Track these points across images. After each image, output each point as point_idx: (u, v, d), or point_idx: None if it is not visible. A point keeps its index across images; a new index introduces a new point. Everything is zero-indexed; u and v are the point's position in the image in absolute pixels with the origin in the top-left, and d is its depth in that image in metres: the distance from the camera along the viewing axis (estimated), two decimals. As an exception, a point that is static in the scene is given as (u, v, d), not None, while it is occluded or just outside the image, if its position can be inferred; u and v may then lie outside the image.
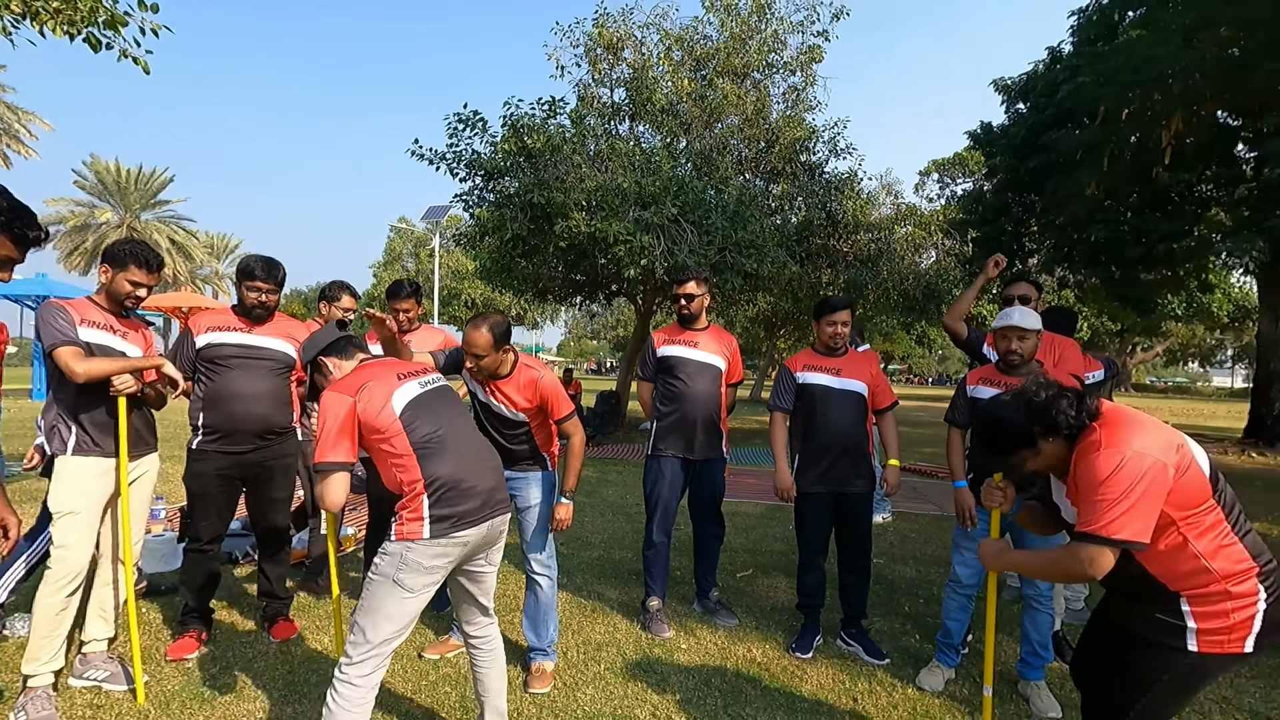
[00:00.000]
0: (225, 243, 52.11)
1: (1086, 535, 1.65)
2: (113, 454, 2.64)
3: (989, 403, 1.88)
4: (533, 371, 2.81)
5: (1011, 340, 2.84)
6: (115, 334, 2.70)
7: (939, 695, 2.87)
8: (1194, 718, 2.74)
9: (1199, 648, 1.65)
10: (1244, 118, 10.09)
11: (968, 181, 29.02)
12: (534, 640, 2.94)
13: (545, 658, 2.93)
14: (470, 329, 2.68)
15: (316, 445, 2.07)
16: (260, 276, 3.07)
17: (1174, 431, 1.70)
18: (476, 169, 9.25)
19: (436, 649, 3.11)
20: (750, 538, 5.36)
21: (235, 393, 3.02)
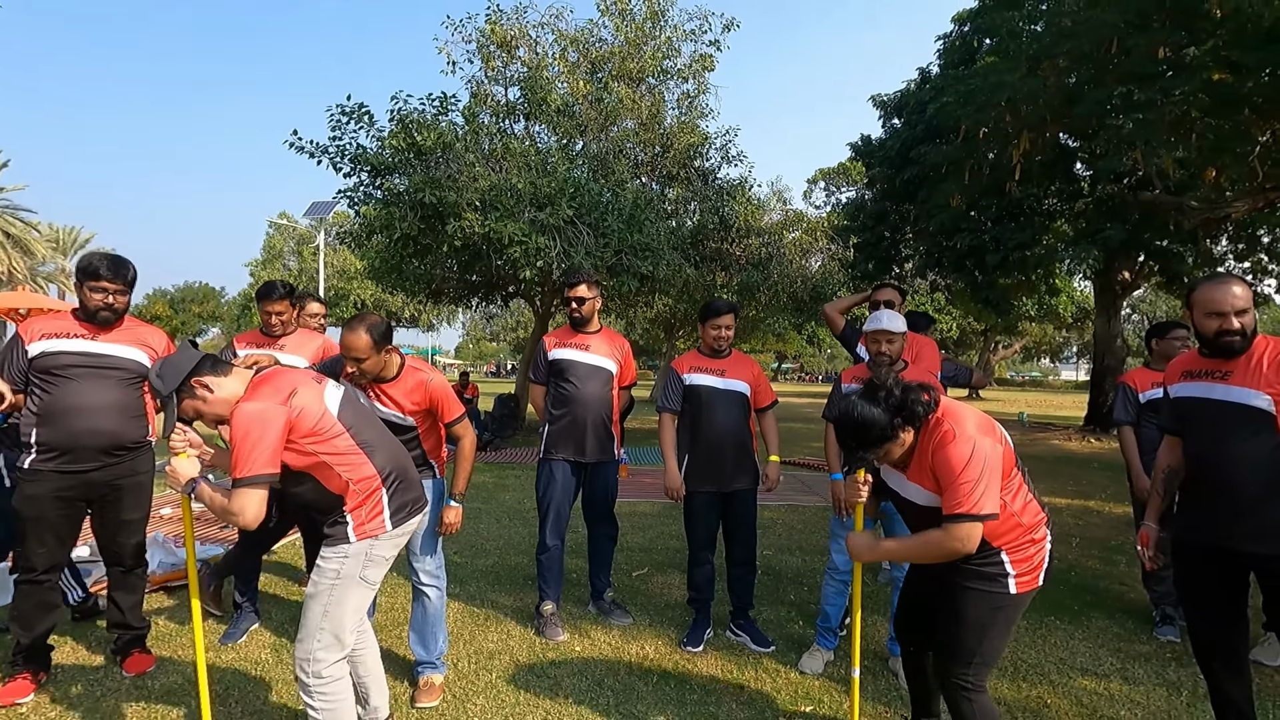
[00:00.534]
0: (74, 236, 46.80)
1: (959, 516, 1.86)
2: None
3: (845, 406, 1.98)
4: (421, 374, 2.75)
5: (881, 343, 3.05)
6: None
7: (819, 677, 3.04)
8: (1033, 676, 3.05)
9: (1017, 589, 1.99)
10: (1080, 139, 11.34)
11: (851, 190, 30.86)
12: (421, 654, 2.85)
13: (434, 670, 2.85)
14: (347, 333, 2.57)
15: (235, 460, 1.91)
16: (105, 276, 2.77)
17: (985, 415, 2.02)
18: (362, 164, 8.83)
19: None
20: (647, 536, 5.44)
21: (75, 406, 2.73)
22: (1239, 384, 2.16)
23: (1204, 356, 2.28)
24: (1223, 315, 2.13)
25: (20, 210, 38.58)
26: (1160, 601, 3.61)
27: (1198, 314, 2.22)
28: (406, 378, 2.73)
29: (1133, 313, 43.95)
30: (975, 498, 1.84)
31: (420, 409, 2.76)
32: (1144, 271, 15.10)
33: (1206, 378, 2.26)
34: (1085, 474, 9.13)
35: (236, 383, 2.07)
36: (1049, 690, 2.96)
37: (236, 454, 1.91)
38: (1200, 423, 2.27)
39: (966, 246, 13.56)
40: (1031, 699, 2.88)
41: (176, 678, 2.90)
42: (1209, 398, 2.23)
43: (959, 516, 1.86)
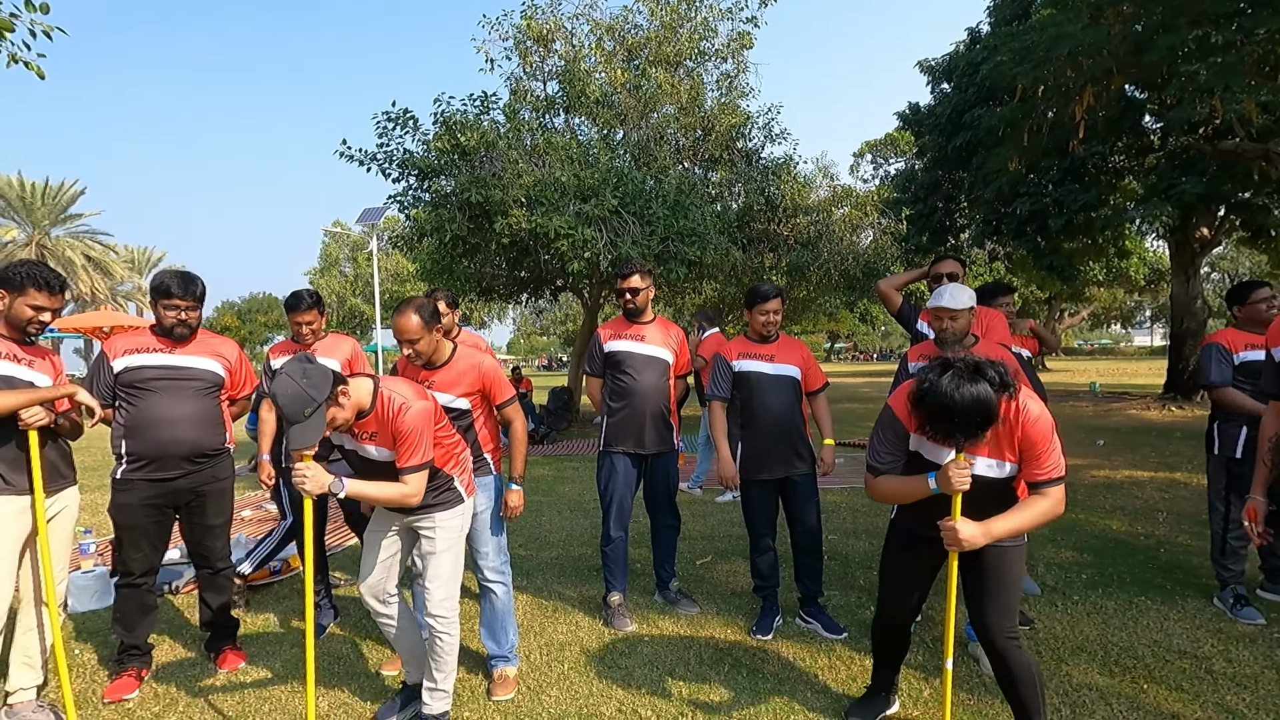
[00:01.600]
0: (147, 256, 49.51)
1: (1055, 480, 1.98)
2: (26, 491, 2.48)
3: (952, 389, 1.87)
4: (474, 356, 2.86)
5: (944, 320, 2.92)
6: (19, 363, 2.54)
7: (895, 664, 2.95)
8: (1127, 661, 2.90)
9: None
10: (1149, 90, 10.65)
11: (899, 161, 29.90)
12: (493, 648, 2.89)
13: (507, 664, 2.90)
14: (398, 318, 2.66)
15: (408, 451, 2.26)
16: (177, 294, 2.90)
17: None
18: (409, 169, 9.01)
19: (394, 665, 3.05)
20: (708, 524, 5.41)
21: (160, 417, 2.87)
22: None
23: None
24: None
25: (98, 234, 41.04)
26: (1233, 581, 3.38)
27: None
28: (459, 361, 2.83)
29: (1212, 271, 41.25)
30: (1059, 461, 1.99)
31: (475, 390, 2.83)
32: (1225, 227, 14.11)
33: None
34: (1168, 444, 8.64)
35: (362, 387, 2.27)
36: (1145, 675, 2.81)
37: (407, 446, 2.26)
38: None
39: (1027, 212, 12.93)
40: (1126, 685, 2.74)
41: (267, 672, 3.03)
42: None
43: (1055, 480, 1.99)
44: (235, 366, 3.15)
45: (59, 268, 38.76)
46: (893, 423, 2.11)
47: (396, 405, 2.26)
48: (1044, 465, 1.96)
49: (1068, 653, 3.03)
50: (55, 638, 2.52)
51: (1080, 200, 12.29)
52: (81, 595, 3.79)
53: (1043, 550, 4.52)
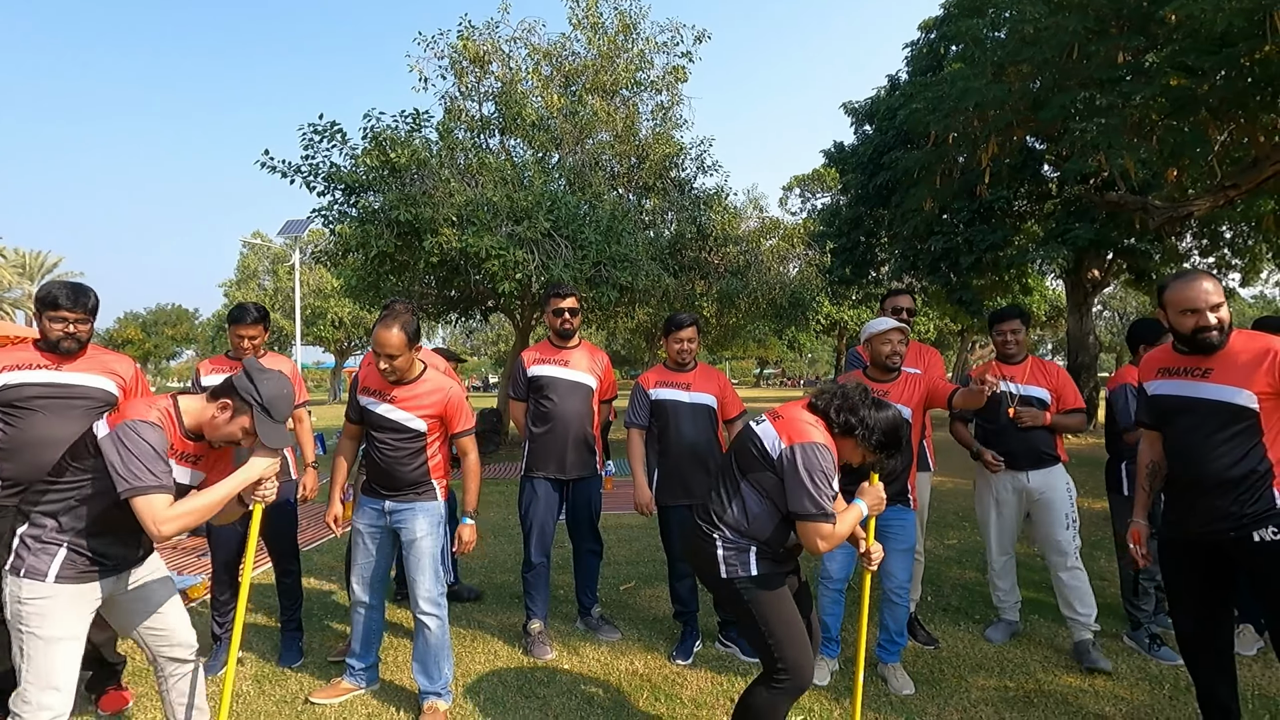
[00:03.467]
0: (40, 261, 45.86)
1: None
2: None
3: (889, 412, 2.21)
4: (441, 379, 2.85)
5: (892, 343, 3.08)
6: None
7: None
8: (1019, 675, 3.08)
9: None
10: (1048, 142, 11.58)
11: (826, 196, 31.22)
12: (425, 684, 2.79)
13: (438, 698, 2.80)
14: (381, 329, 2.62)
15: None
16: (65, 305, 2.70)
17: None
18: (336, 183, 8.76)
19: (326, 694, 2.92)
20: (634, 549, 5.42)
21: (42, 438, 2.64)
22: (1221, 381, 2.19)
23: (1180, 354, 2.31)
24: (1197, 312, 2.17)
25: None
26: (1146, 620, 3.40)
27: (1172, 312, 2.25)
28: (426, 382, 2.80)
29: (1104, 309, 44.84)
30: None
31: (435, 415, 2.78)
32: (1113, 269, 15.43)
33: (1187, 375, 2.28)
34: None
35: None
36: (1035, 689, 2.98)
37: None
38: (1183, 420, 2.29)
39: (940, 249, 13.79)
40: (1018, 697, 2.91)
41: (155, 714, 2.82)
42: (1194, 395, 2.25)
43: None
44: (130, 385, 2.95)
45: (-65, 270, 35.30)
46: (830, 463, 2.11)
47: None
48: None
49: (968, 670, 3.19)
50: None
51: (988, 240, 13.22)
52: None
53: (949, 571, 4.74)
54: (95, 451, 1.98)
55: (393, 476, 2.78)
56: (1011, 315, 3.46)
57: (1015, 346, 3.44)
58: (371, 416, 2.82)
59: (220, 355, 3.54)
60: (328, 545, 5.50)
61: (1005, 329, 3.44)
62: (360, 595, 2.92)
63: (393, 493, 2.80)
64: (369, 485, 2.88)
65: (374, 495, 2.85)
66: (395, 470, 2.77)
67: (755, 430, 2.22)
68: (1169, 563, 2.40)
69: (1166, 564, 2.41)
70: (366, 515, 2.87)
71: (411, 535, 2.79)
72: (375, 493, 2.85)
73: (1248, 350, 2.16)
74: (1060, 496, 3.35)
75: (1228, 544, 2.19)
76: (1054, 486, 3.37)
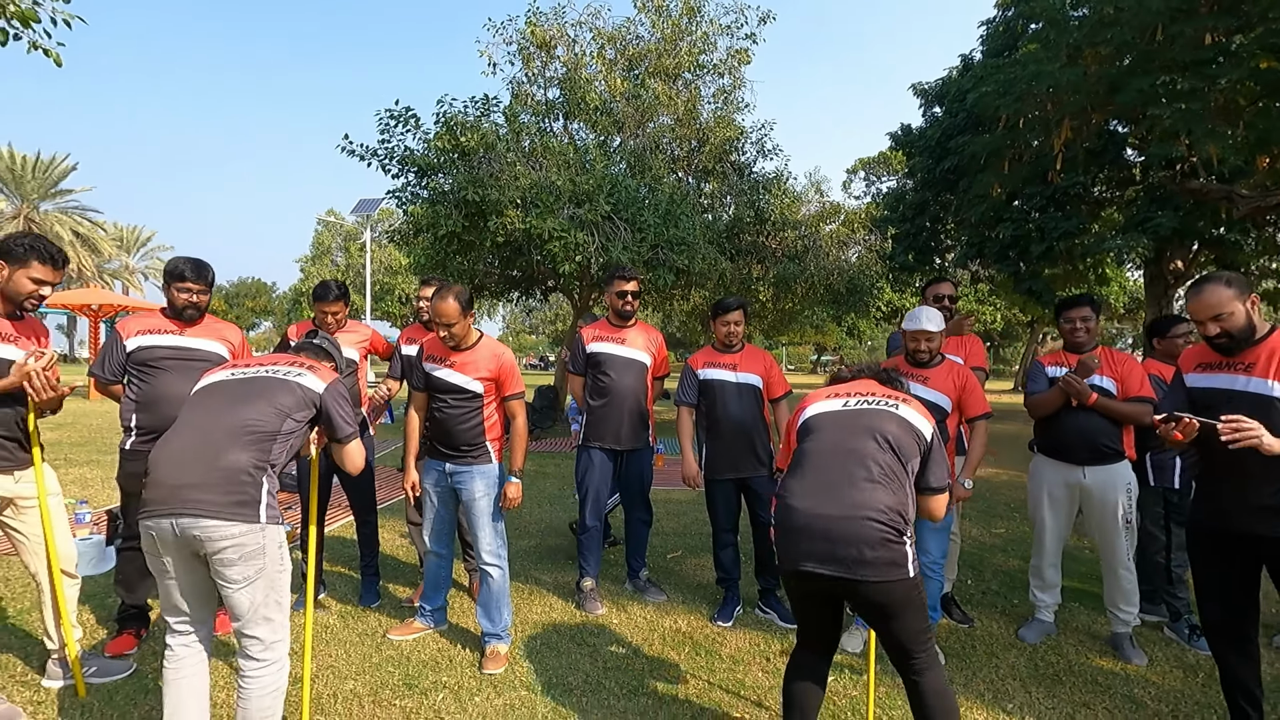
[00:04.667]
0: (136, 235, 49.14)
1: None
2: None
3: None
4: (496, 346, 3.15)
5: (920, 341, 3.20)
6: (7, 341, 2.54)
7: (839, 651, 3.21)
8: (1051, 656, 3.17)
9: None
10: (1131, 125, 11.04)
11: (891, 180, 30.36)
12: (488, 626, 3.12)
13: (499, 641, 3.12)
14: (438, 301, 2.96)
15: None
16: (190, 278, 3.11)
17: None
18: (409, 166, 9.21)
19: (401, 631, 3.28)
20: (681, 522, 5.65)
21: (169, 394, 3.05)
22: (1260, 375, 2.24)
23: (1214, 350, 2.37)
24: (1200, 322, 2.24)
25: (88, 210, 40.77)
26: (1185, 611, 3.43)
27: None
28: (483, 347, 3.11)
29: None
30: None
31: (491, 377, 3.09)
32: (1198, 260, 14.59)
33: (1227, 369, 2.33)
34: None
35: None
36: (1065, 669, 3.08)
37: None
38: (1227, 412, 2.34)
39: (1009, 237, 13.33)
40: (1047, 675, 3.02)
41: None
42: (1230, 389, 2.31)
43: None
44: (238, 350, 3.36)
45: (47, 242, 38.50)
46: None
47: None
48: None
49: (1000, 648, 3.30)
50: (59, 596, 2.68)
51: (1061, 228, 12.68)
52: (79, 561, 3.96)
53: (993, 558, 4.80)
54: (309, 405, 2.24)
55: (452, 436, 3.08)
56: (1083, 302, 3.35)
57: (1085, 335, 3.30)
58: (434, 380, 3.12)
59: (306, 321, 3.92)
60: (399, 505, 5.95)
61: (1075, 315, 3.30)
62: (430, 545, 3.26)
63: (452, 453, 3.10)
64: (432, 447, 3.19)
65: (437, 456, 3.17)
66: (454, 430, 3.07)
67: (906, 418, 2.15)
68: (1199, 552, 2.46)
69: (1196, 553, 2.47)
70: (431, 475, 3.19)
71: (470, 496, 3.09)
72: (437, 454, 3.16)
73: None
74: (1117, 497, 3.22)
75: (1266, 540, 2.24)
76: (1113, 486, 3.22)
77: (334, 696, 2.74)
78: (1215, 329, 2.24)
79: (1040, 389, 3.36)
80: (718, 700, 2.78)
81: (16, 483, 2.61)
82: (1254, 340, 2.26)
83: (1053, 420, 3.36)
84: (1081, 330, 3.34)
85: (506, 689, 2.83)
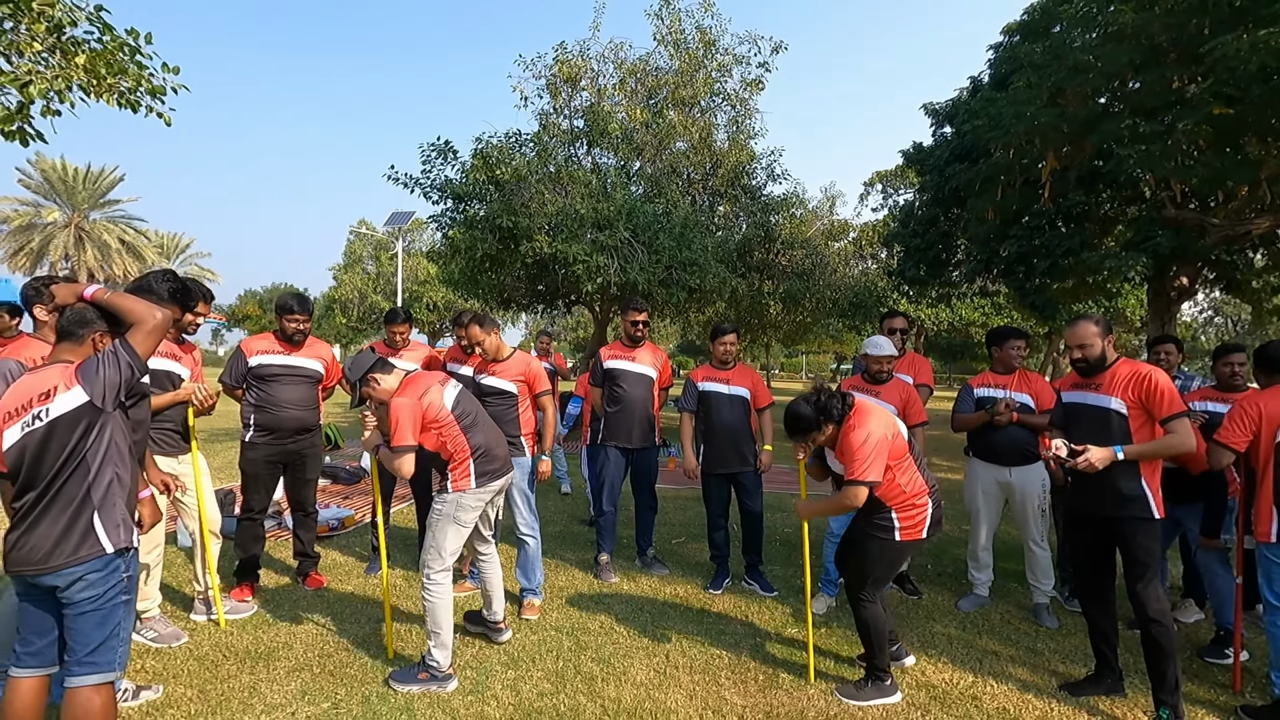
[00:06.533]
0: (176, 242, 51.13)
1: (851, 481, 2.80)
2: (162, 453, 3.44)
3: (792, 404, 2.99)
4: (525, 355, 4.05)
5: (882, 364, 3.98)
6: (177, 360, 3.43)
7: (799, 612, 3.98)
8: (980, 621, 3.90)
9: (900, 538, 2.91)
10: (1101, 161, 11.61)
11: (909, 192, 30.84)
12: (524, 583, 3.97)
13: (534, 595, 3.96)
14: (466, 330, 3.99)
15: (392, 434, 2.95)
16: (297, 311, 4.01)
17: (890, 415, 2.95)
18: (447, 193, 10.15)
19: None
20: (686, 515, 6.44)
21: (280, 401, 3.96)
22: (1104, 392, 3.00)
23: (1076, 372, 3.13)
24: (1068, 349, 3.01)
25: (133, 219, 42.65)
26: (1069, 579, 4.21)
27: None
28: (516, 359, 4.02)
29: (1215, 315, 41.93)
30: (863, 468, 2.79)
31: (523, 380, 3.97)
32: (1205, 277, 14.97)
33: (1085, 388, 3.09)
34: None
35: (394, 380, 3.16)
36: (988, 631, 3.84)
37: (393, 431, 2.96)
38: (1079, 420, 3.10)
39: (1015, 253, 13.89)
40: (971, 636, 3.77)
41: (341, 591, 4.11)
42: (1084, 402, 3.07)
43: (851, 482, 2.85)
44: (330, 365, 4.24)
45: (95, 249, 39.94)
46: None
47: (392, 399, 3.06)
48: (848, 469, 2.87)
49: (939, 614, 4.05)
50: (208, 554, 3.57)
51: (1064, 245, 13.20)
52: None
53: (954, 549, 5.51)
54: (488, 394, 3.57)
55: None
56: (1019, 334, 4.13)
57: (1019, 360, 4.13)
58: (481, 386, 3.99)
59: (379, 341, 4.79)
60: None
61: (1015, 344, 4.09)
62: None
63: None
64: None
65: None
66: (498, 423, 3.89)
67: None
68: (1071, 531, 3.21)
69: (1070, 531, 3.22)
70: None
71: (510, 480, 3.92)
72: None
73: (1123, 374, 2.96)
74: (1035, 490, 4.00)
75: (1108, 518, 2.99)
76: (1032, 483, 4.01)
77: (409, 633, 3.59)
78: (1077, 354, 3.00)
79: (967, 410, 4.13)
80: (705, 643, 3.57)
81: (179, 464, 3.50)
82: (1104, 367, 3.01)
83: (985, 432, 4.13)
84: (1017, 356, 4.13)
85: (540, 629, 3.66)
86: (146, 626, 3.37)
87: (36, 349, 2.66)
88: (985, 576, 4.23)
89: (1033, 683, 3.22)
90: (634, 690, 3.06)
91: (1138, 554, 2.90)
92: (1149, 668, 2.93)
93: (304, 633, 3.54)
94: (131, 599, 2.28)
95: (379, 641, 3.45)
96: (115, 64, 4.86)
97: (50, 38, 4.63)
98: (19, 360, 2.53)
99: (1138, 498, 2.90)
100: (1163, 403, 2.82)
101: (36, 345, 2.68)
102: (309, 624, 3.65)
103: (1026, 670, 3.35)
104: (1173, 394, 2.84)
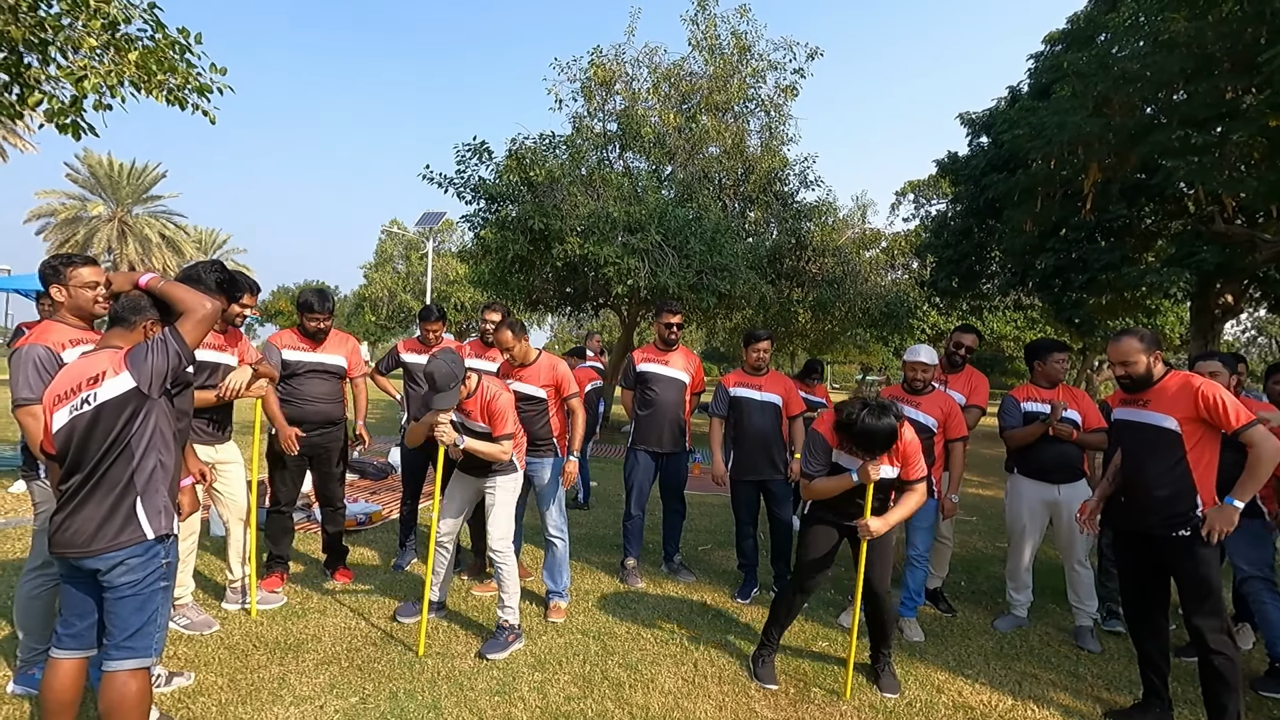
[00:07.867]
0: (214, 237, 52.39)
1: (914, 480, 2.94)
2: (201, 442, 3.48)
3: (879, 421, 2.84)
4: (552, 360, 3.98)
5: (917, 371, 3.89)
6: (224, 350, 3.47)
7: (832, 625, 3.90)
8: (1018, 642, 3.78)
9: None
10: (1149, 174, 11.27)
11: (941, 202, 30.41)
12: (551, 585, 3.92)
13: (560, 598, 3.92)
14: (497, 334, 3.87)
15: (502, 424, 3.36)
16: (317, 309, 4.03)
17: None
18: (481, 194, 10.22)
19: (482, 589, 4.13)
20: (714, 521, 6.37)
21: (305, 395, 4.00)
22: (1154, 410, 2.88)
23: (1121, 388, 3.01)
24: (1111, 365, 2.90)
25: (174, 215, 43.78)
26: (1107, 599, 4.07)
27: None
28: (542, 363, 3.94)
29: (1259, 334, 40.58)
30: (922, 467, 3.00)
31: (551, 385, 3.90)
32: (1250, 294, 14.49)
33: (1133, 405, 2.98)
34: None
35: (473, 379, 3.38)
36: (1026, 653, 3.71)
37: (502, 421, 3.35)
38: (1127, 438, 2.99)
39: (1051, 266, 13.57)
40: (1008, 653, 3.66)
41: (369, 586, 4.12)
42: (1133, 420, 2.95)
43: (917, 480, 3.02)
44: (352, 358, 4.25)
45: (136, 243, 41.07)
46: (821, 442, 3.07)
47: (491, 393, 3.34)
48: (913, 470, 2.91)
49: (974, 633, 3.93)
50: (250, 545, 3.60)
51: (1103, 259, 12.85)
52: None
53: (990, 566, 5.37)
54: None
55: (527, 433, 3.89)
56: (1062, 347, 4.03)
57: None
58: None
59: (413, 339, 4.81)
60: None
61: (1060, 357, 3.98)
62: None
63: (528, 447, 3.91)
64: None
65: None
66: (528, 428, 3.88)
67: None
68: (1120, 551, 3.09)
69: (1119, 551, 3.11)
70: None
71: (541, 482, 3.91)
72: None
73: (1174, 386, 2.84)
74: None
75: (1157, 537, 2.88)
76: (1079, 500, 3.77)
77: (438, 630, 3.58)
78: (1120, 371, 2.89)
79: (1015, 423, 3.99)
80: (733, 653, 3.51)
81: (217, 452, 3.54)
82: (1151, 383, 2.89)
83: (1034, 447, 3.97)
84: (1061, 370, 4.00)
85: (566, 632, 3.63)
86: (179, 613, 3.40)
87: (61, 333, 2.62)
88: (1025, 597, 4.09)
89: (1075, 709, 3.10)
90: (662, 698, 3.00)
91: (1192, 578, 2.77)
92: (1206, 700, 2.79)
93: (332, 626, 3.55)
94: (170, 585, 2.29)
95: (404, 637, 3.44)
96: (166, 61, 4.97)
97: (105, 34, 4.75)
98: (47, 345, 2.55)
99: (1189, 514, 2.77)
100: (1228, 415, 2.69)
101: (59, 329, 2.64)
102: (337, 617, 3.66)
103: (1069, 695, 3.23)
104: (1235, 403, 2.72)
